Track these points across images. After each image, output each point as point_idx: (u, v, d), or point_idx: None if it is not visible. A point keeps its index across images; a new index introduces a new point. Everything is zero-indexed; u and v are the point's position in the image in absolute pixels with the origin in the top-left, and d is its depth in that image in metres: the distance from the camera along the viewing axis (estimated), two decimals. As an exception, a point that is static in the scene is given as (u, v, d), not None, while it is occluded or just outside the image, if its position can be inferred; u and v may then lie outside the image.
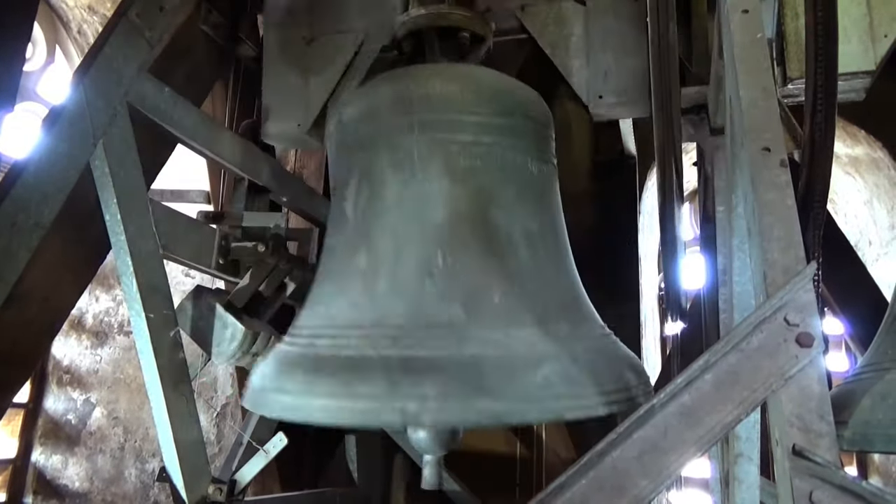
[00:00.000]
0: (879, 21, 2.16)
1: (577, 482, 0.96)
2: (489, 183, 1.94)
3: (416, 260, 1.82)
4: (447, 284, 1.78)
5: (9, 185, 1.77)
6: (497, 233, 1.89)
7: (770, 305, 1.03)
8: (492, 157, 1.94)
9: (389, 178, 1.94)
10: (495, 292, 1.79)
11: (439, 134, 1.93)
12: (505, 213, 1.92)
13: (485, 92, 2.02)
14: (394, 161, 1.94)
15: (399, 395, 1.58)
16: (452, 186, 1.91)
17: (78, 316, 4.88)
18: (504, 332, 1.73)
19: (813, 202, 1.55)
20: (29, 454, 4.74)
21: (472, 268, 1.83)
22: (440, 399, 1.57)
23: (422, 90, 1.99)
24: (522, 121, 2.04)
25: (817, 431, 0.94)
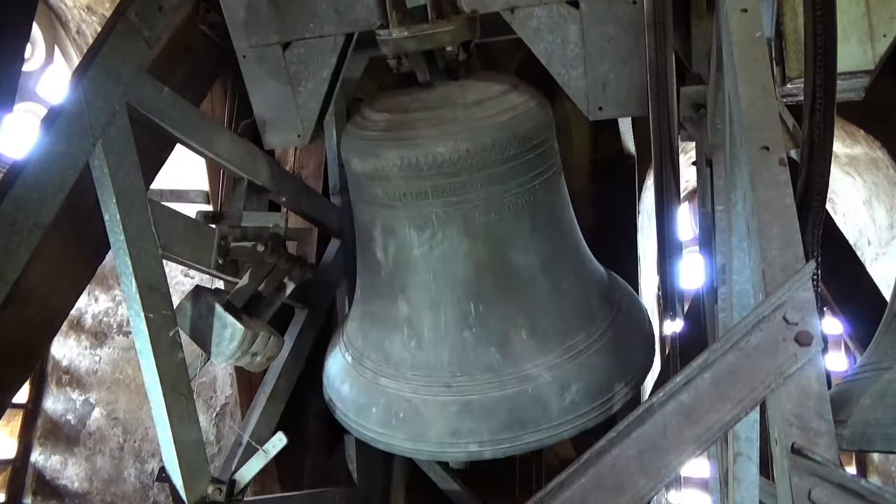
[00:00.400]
0: (878, 21, 2.16)
1: (577, 481, 0.96)
2: (504, 230, 2.19)
3: (453, 312, 2.17)
4: (482, 332, 2.16)
5: (8, 185, 1.76)
6: (517, 273, 2.20)
7: (769, 304, 1.03)
8: (504, 205, 2.21)
9: (414, 237, 2.19)
10: (522, 330, 2.17)
11: (453, 196, 2.15)
12: (521, 252, 2.21)
13: (486, 141, 2.13)
14: (415, 223, 2.19)
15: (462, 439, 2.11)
16: (473, 242, 2.17)
17: (77, 316, 4.87)
18: (533, 363, 2.14)
19: (812, 201, 1.55)
20: (28, 454, 4.74)
21: (499, 312, 2.18)
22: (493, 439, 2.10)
23: (429, 156, 2.13)
24: (525, 152, 2.17)
25: (816, 430, 0.94)
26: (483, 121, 2.16)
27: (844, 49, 2.02)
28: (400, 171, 2.12)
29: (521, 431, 2.12)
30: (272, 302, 2.64)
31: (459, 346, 2.19)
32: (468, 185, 2.13)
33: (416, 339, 2.25)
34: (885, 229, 4.46)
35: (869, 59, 2.14)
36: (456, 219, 2.16)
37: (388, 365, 2.32)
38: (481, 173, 2.11)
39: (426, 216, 2.16)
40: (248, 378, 3.62)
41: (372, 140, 2.25)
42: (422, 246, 2.19)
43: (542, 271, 2.22)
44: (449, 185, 2.13)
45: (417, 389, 2.23)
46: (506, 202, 2.18)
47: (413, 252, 2.21)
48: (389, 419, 2.24)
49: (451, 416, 2.15)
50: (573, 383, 2.15)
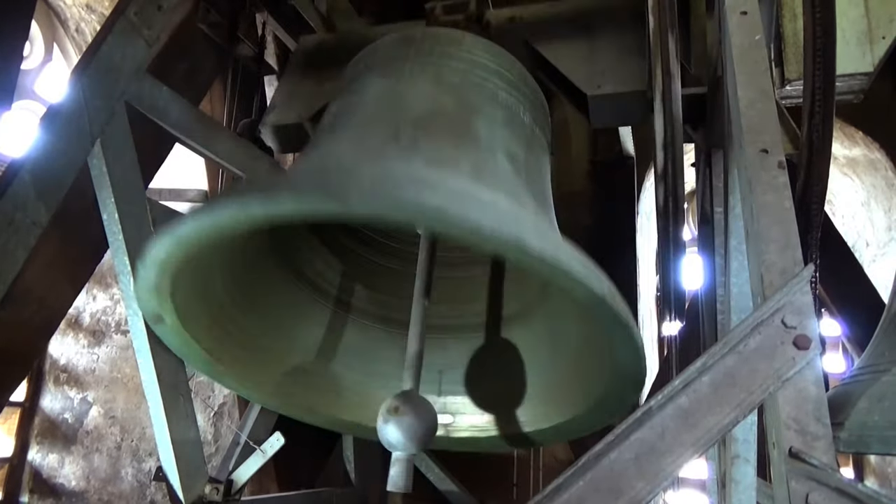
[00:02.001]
0: (877, 23, 2.16)
1: (575, 483, 0.96)
2: (477, 101, 1.82)
3: (383, 130, 1.68)
4: (412, 149, 1.62)
5: (6, 184, 1.76)
6: (477, 137, 1.72)
7: (767, 307, 1.04)
8: (483, 88, 1.86)
9: (375, 82, 1.88)
10: (464, 166, 1.59)
11: (434, 58, 1.89)
12: (489, 129, 1.76)
13: (485, 44, 2.00)
14: (385, 72, 1.89)
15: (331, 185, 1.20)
16: (438, 91, 1.81)
17: (75, 315, 4.88)
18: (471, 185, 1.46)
19: (811, 203, 1.55)
20: (25, 453, 4.74)
21: (442, 146, 1.66)
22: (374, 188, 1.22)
23: (427, 32, 2.01)
24: (518, 82, 2.00)
25: (814, 433, 0.94)
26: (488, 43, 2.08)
27: (843, 51, 2.02)
28: (395, 39, 1.98)
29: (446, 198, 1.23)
30: (270, 302, 2.63)
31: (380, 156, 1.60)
32: (454, 56, 1.89)
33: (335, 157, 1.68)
34: (883, 231, 4.46)
35: (868, 61, 2.14)
36: (430, 71, 1.87)
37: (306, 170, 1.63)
38: (470, 55, 1.89)
39: (399, 66, 1.89)
40: (246, 377, 3.61)
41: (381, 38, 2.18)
42: (380, 88, 1.86)
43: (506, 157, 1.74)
44: (435, 50, 1.91)
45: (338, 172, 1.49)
46: (487, 87, 1.89)
47: (367, 96, 1.86)
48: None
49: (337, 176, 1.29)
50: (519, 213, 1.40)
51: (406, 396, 1.63)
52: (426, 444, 1.63)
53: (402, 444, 1.61)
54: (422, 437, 1.62)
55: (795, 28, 2.14)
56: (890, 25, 2.16)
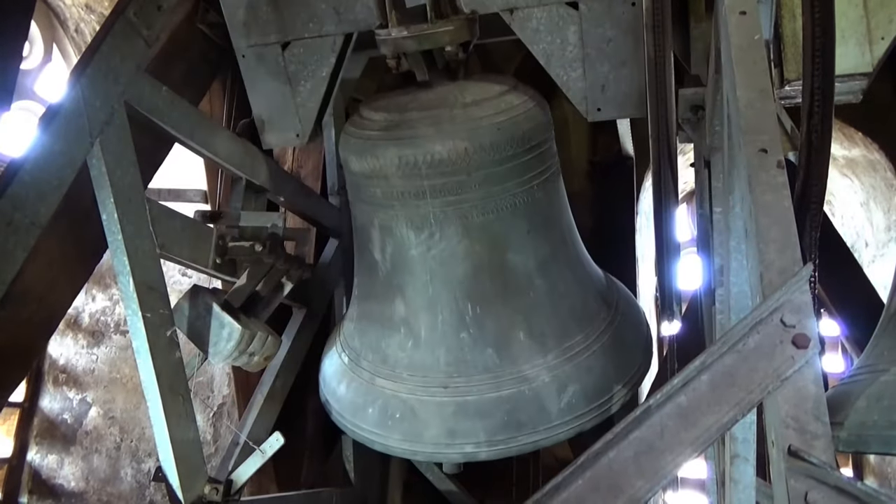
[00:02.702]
0: (876, 23, 2.16)
1: (574, 482, 0.96)
2: (502, 230, 2.18)
3: (450, 313, 2.16)
4: (479, 333, 2.14)
5: (5, 184, 1.76)
6: (514, 274, 2.18)
7: (766, 307, 1.04)
8: (502, 205, 2.20)
9: (412, 238, 2.18)
10: (519, 331, 2.15)
11: (451, 196, 2.13)
12: (519, 253, 2.19)
13: (484, 141, 2.11)
14: (413, 224, 2.18)
15: (458, 440, 2.09)
16: (470, 243, 2.16)
17: (74, 315, 4.87)
18: (531, 364, 2.13)
19: (810, 204, 1.55)
20: (24, 454, 4.73)
21: (497, 313, 2.16)
22: (489, 440, 2.07)
23: (427, 155, 2.14)
24: (524, 153, 2.15)
25: (813, 432, 0.94)
26: (481, 121, 2.15)
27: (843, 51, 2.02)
28: (398, 170, 2.12)
29: (517, 433, 2.10)
30: (270, 302, 2.63)
31: (456, 346, 2.17)
32: (466, 185, 2.12)
33: (412, 339, 2.23)
34: (882, 231, 4.47)
35: (867, 61, 2.15)
36: (453, 219, 2.15)
37: (384, 366, 2.30)
38: (479, 173, 2.11)
39: (424, 216, 2.15)
40: (246, 378, 3.62)
41: (370, 139, 2.25)
42: (419, 246, 2.18)
43: (539, 272, 2.21)
44: (447, 185, 2.12)
45: (414, 390, 2.22)
46: (504, 202, 2.17)
47: (410, 252, 2.20)
48: (385, 420, 2.23)
49: (447, 417, 2.13)
50: (571, 385, 2.13)
51: None
52: None
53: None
54: None
55: (795, 28, 2.14)
56: (889, 26, 2.16)
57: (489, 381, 2.14)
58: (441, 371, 2.18)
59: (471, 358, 2.15)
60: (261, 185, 2.68)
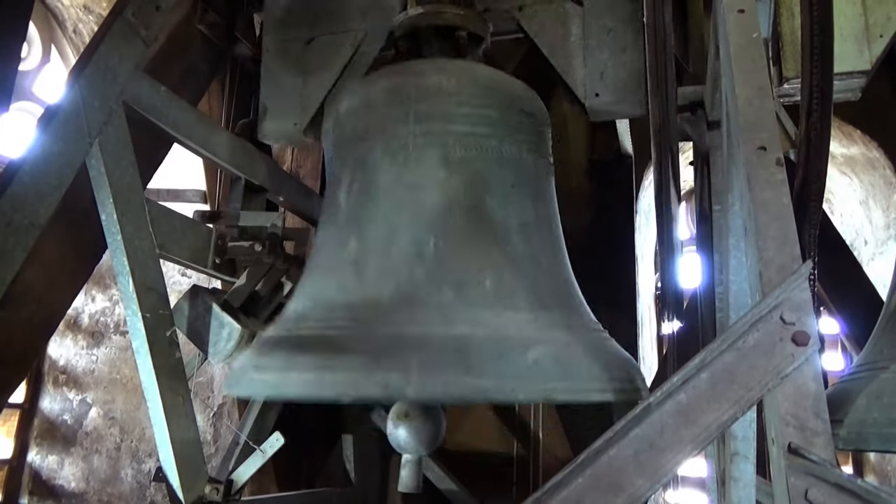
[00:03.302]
0: (875, 21, 2.16)
1: (574, 480, 0.96)
2: (484, 173, 1.92)
3: (408, 244, 1.78)
4: (438, 268, 1.75)
5: (4, 185, 1.76)
6: (491, 220, 1.86)
7: (766, 304, 1.04)
8: (487, 149, 1.93)
9: (385, 166, 1.93)
10: (487, 277, 1.75)
11: (435, 125, 1.93)
12: (500, 203, 1.89)
13: (481, 85, 2.03)
14: (389, 150, 1.93)
15: (382, 368, 1.52)
16: (447, 175, 1.88)
17: (74, 316, 4.87)
18: (494, 313, 1.68)
19: (809, 201, 1.56)
20: (25, 454, 4.73)
21: (463, 253, 1.80)
22: (424, 372, 1.50)
23: (418, 82, 2.02)
24: (518, 115, 2.05)
25: (813, 430, 0.94)
26: (477, 70, 2.12)
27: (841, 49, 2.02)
28: (387, 96, 1.97)
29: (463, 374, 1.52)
30: (270, 301, 2.63)
31: (408, 280, 1.72)
32: (453, 116, 1.91)
33: (357, 277, 1.79)
34: (881, 229, 4.47)
35: (865, 59, 2.15)
36: (434, 147, 1.91)
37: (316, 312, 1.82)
38: (468, 108, 1.93)
39: (403, 141, 1.92)
40: (246, 378, 3.61)
41: (365, 80, 2.25)
42: (391, 173, 1.90)
43: (519, 230, 1.87)
44: (433, 112, 1.91)
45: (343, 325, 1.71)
46: (490, 145, 1.94)
47: (379, 181, 1.91)
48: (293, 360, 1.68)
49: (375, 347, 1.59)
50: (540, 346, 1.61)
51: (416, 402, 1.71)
52: (435, 445, 1.73)
53: (412, 446, 1.70)
54: (430, 439, 1.74)
55: (793, 26, 2.14)
56: (887, 24, 2.16)
57: (439, 317, 1.65)
58: (382, 307, 1.69)
59: (423, 295, 1.68)
60: (260, 185, 2.68)
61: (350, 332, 1.67)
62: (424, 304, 1.69)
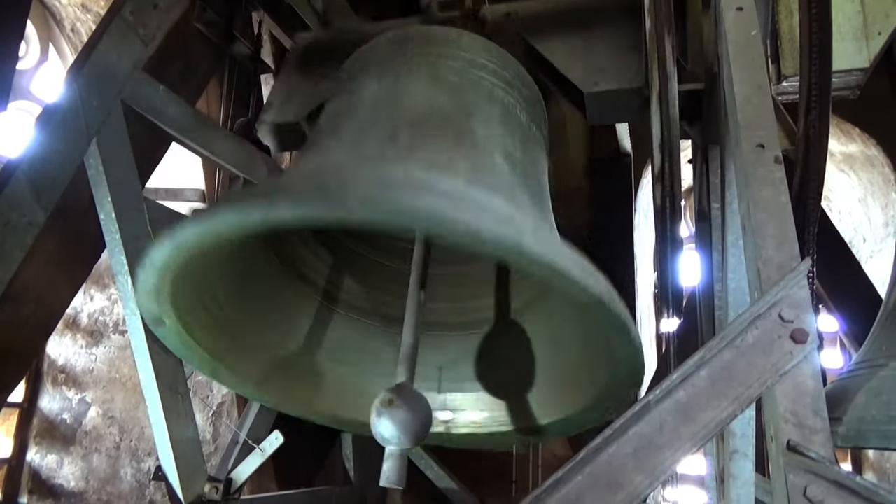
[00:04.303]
0: (873, 18, 2.17)
1: (573, 478, 0.96)
2: (474, 100, 1.83)
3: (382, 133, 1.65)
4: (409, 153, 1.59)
5: (3, 184, 1.76)
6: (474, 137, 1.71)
7: (765, 302, 1.04)
8: (480, 86, 1.85)
9: (373, 84, 1.85)
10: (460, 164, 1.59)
11: (432, 55, 1.89)
12: (485, 128, 1.76)
13: (481, 43, 2.01)
14: (381, 72, 1.88)
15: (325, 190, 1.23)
16: (434, 91, 1.80)
17: (73, 315, 4.87)
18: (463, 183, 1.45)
19: (807, 199, 1.56)
20: (24, 454, 4.73)
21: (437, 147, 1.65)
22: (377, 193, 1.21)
23: (423, 30, 2.02)
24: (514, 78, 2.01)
25: (812, 427, 0.94)
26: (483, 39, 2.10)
27: (839, 47, 2.02)
28: (389, 40, 2.00)
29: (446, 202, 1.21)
30: (268, 300, 2.63)
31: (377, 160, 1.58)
32: (450, 55, 1.92)
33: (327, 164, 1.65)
34: (880, 227, 4.47)
35: (864, 56, 2.15)
36: (426, 69, 1.85)
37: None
38: (466, 54, 1.91)
39: (395, 66, 1.87)
40: (245, 377, 3.61)
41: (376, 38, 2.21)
42: (379, 86, 1.83)
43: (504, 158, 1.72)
44: (432, 49, 1.91)
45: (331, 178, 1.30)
46: (484, 85, 1.89)
47: (365, 93, 1.84)
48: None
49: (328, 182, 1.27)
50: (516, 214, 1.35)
51: (400, 389, 1.59)
52: (420, 438, 1.58)
53: (395, 438, 1.55)
54: (416, 431, 1.58)
55: (791, 24, 2.14)
56: (886, 21, 2.16)
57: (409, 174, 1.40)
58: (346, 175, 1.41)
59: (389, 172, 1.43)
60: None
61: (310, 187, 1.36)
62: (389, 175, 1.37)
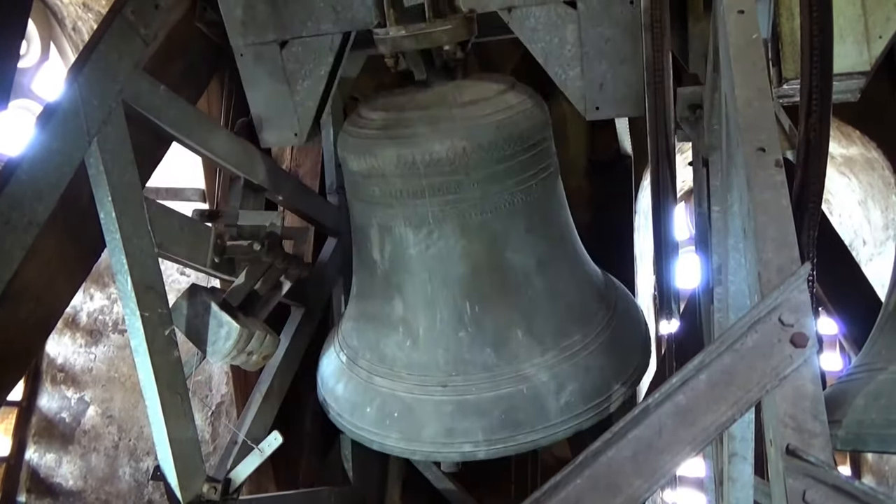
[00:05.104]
0: (874, 22, 2.16)
1: (572, 481, 0.96)
2: (500, 229, 2.18)
3: (449, 312, 2.16)
4: (478, 332, 2.14)
5: (3, 183, 1.76)
6: (513, 273, 2.18)
7: (764, 305, 1.04)
8: (500, 206, 2.18)
9: (410, 237, 2.17)
10: (518, 329, 2.15)
11: (449, 195, 2.15)
12: (517, 252, 2.18)
13: (483, 140, 2.11)
14: (411, 223, 2.17)
15: (457, 439, 2.08)
16: (468, 242, 2.16)
17: (72, 314, 4.86)
18: (529, 363, 2.12)
19: (808, 202, 1.55)
20: (22, 453, 4.72)
21: (495, 312, 2.16)
22: (487, 439, 2.06)
23: (425, 155, 2.14)
24: (522, 152, 2.16)
25: (811, 431, 0.94)
26: (480, 119, 2.16)
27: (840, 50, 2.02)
28: (396, 168, 2.12)
29: (515, 432, 2.09)
30: (268, 301, 2.63)
31: (455, 345, 2.16)
32: (464, 184, 2.12)
33: (410, 338, 2.22)
34: (880, 230, 4.47)
35: (865, 60, 2.15)
36: (452, 217, 2.14)
37: (382, 365, 2.29)
38: (478, 172, 2.11)
39: (422, 215, 2.15)
40: (244, 377, 3.61)
41: (369, 138, 2.25)
42: (418, 245, 2.17)
43: (537, 271, 2.21)
44: (445, 184, 2.12)
45: (412, 389, 2.20)
46: (502, 201, 2.16)
47: (409, 251, 2.19)
48: (384, 419, 2.22)
49: (445, 416, 2.12)
50: (569, 383, 2.12)
51: None
52: None
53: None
54: None
55: (793, 27, 2.14)
56: (887, 24, 2.16)
57: (487, 380, 2.12)
58: (440, 370, 2.16)
59: (469, 357, 2.14)
60: (259, 184, 2.68)
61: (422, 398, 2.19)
62: (473, 368, 2.15)
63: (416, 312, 2.22)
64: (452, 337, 2.17)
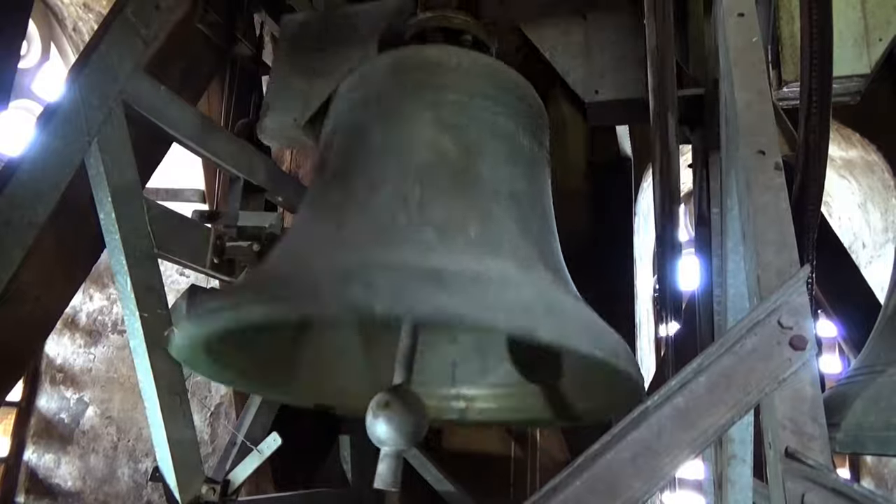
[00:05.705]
0: (874, 25, 2.17)
1: (572, 484, 0.96)
2: (477, 139, 1.88)
3: (391, 192, 1.72)
4: (420, 214, 1.67)
5: (3, 183, 1.76)
6: (480, 181, 1.80)
7: (764, 308, 1.04)
8: (482, 120, 1.89)
9: (375, 127, 1.90)
10: (471, 225, 1.66)
11: (431, 93, 1.91)
12: (490, 169, 1.83)
13: (480, 64, 2.04)
14: (381, 113, 1.91)
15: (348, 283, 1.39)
16: (438, 135, 1.85)
17: (71, 315, 4.86)
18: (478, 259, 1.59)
19: (807, 205, 1.56)
20: (21, 453, 4.72)
21: (448, 203, 1.72)
22: (392, 287, 1.38)
23: (419, 56, 2.02)
24: (515, 100, 2.05)
25: (810, 434, 0.94)
26: (479, 56, 2.14)
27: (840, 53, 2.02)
28: (385, 68, 2.03)
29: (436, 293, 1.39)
30: (268, 301, 2.63)
31: (389, 226, 1.66)
32: (450, 87, 1.94)
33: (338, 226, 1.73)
34: (879, 233, 4.48)
35: (864, 62, 2.15)
36: (428, 111, 1.88)
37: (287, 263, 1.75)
38: (465, 83, 1.99)
39: (397, 105, 1.91)
40: (243, 377, 3.61)
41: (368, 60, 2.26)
42: (381, 132, 1.88)
43: (509, 199, 1.81)
44: (430, 83, 1.96)
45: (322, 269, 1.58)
46: (486, 117, 1.92)
47: (368, 139, 1.89)
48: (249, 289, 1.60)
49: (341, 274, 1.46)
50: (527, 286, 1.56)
51: (396, 391, 1.62)
52: (416, 439, 1.62)
53: (391, 439, 1.58)
54: (411, 432, 1.60)
55: (792, 30, 2.14)
56: (887, 27, 2.17)
57: (418, 254, 1.57)
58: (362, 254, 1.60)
59: (404, 237, 1.61)
60: (259, 185, 2.68)
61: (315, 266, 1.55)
62: (405, 242, 1.60)
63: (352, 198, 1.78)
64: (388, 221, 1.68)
